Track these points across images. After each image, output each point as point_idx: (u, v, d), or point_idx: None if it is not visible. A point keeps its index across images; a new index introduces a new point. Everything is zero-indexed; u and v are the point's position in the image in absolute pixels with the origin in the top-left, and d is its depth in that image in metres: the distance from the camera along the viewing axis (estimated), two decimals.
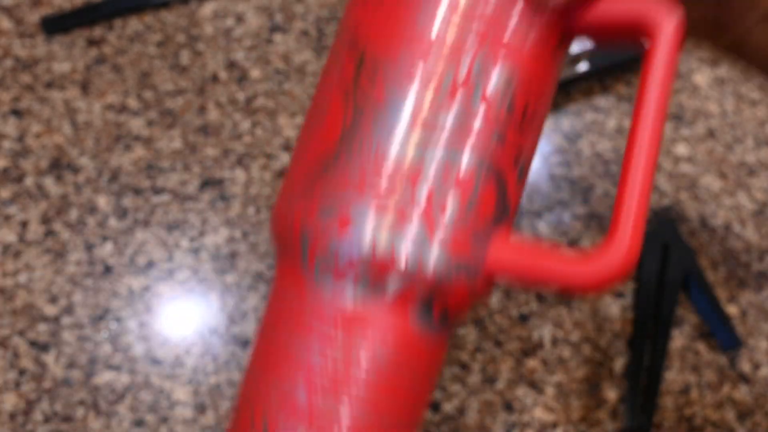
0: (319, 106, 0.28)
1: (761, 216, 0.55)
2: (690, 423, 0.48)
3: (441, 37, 0.26)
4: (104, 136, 0.52)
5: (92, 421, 0.44)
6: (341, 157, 0.26)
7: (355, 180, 0.26)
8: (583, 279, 0.25)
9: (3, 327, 0.46)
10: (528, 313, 0.49)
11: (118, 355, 0.45)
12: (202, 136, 0.53)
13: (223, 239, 0.49)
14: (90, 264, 0.48)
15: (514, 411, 0.46)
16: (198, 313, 0.47)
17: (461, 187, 0.26)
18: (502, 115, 0.26)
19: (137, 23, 0.57)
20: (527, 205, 0.53)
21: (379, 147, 0.26)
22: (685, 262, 0.50)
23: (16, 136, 0.51)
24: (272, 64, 0.56)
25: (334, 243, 0.26)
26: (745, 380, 0.49)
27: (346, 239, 0.25)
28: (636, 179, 0.25)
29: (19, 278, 0.47)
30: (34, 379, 0.44)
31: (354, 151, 0.26)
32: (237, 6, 0.58)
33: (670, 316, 0.49)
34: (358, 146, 0.26)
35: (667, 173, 0.56)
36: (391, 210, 0.26)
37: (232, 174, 0.52)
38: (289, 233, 0.27)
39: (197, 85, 0.55)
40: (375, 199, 0.26)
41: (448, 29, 0.26)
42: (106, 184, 0.50)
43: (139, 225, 0.49)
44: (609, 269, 0.24)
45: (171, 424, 0.44)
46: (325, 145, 0.27)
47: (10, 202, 0.49)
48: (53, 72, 0.54)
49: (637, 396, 0.47)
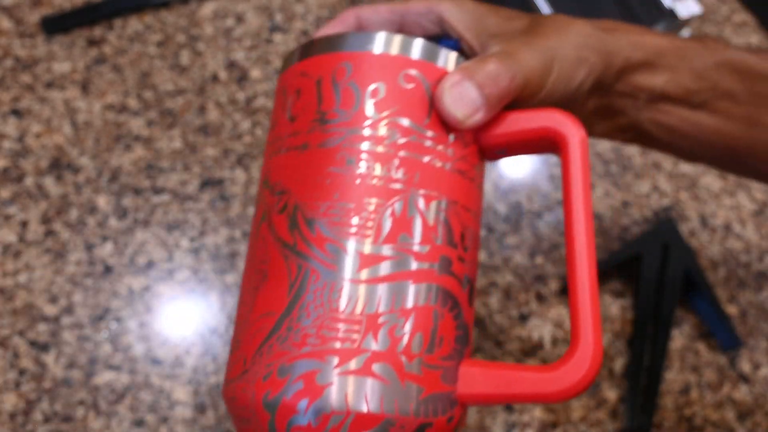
0: (258, 268, 0.27)
1: (761, 216, 0.55)
2: (690, 423, 0.48)
3: (366, 185, 0.26)
4: (104, 136, 0.52)
5: (92, 421, 0.44)
6: (293, 320, 0.25)
7: (312, 341, 0.25)
8: (554, 392, 0.26)
9: (3, 327, 0.46)
10: (528, 313, 0.49)
11: (118, 355, 0.45)
12: (202, 136, 0.53)
13: (223, 239, 0.49)
14: (90, 264, 0.48)
15: (514, 411, 0.46)
16: (198, 313, 0.47)
17: (421, 321, 0.26)
18: (443, 240, 0.27)
19: (137, 23, 0.57)
20: (527, 205, 0.53)
21: (330, 303, 0.25)
22: (685, 262, 0.50)
23: (16, 136, 0.51)
24: (272, 64, 0.56)
25: (301, 413, 0.25)
26: (745, 380, 0.49)
27: (316, 405, 0.24)
28: (584, 288, 0.26)
29: (19, 278, 0.47)
30: (34, 379, 0.44)
31: (305, 311, 0.25)
32: (237, 6, 0.58)
33: (670, 316, 0.49)
34: (309, 306, 0.26)
35: (667, 173, 0.56)
36: (355, 363, 0.25)
37: (232, 174, 0.52)
38: (252, 410, 0.26)
39: (197, 85, 0.55)
40: (336, 357, 0.25)
41: (371, 180, 0.27)
42: (106, 184, 0.50)
43: (139, 225, 0.49)
44: (577, 380, 0.26)
45: (171, 424, 0.44)
46: (275, 308, 0.26)
47: (10, 202, 0.49)
48: (53, 72, 0.54)
49: (637, 396, 0.47)
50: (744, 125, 0.33)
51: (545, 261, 0.51)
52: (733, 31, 0.64)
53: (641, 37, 0.32)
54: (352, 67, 0.28)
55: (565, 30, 0.30)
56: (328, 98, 0.27)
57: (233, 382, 0.26)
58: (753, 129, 0.33)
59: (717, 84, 0.32)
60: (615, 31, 0.31)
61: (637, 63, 0.31)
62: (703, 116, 0.33)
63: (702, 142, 0.34)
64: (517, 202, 0.53)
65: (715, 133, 0.34)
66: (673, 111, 0.33)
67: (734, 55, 0.32)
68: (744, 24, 0.64)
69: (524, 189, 0.54)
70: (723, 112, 0.33)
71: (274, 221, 0.27)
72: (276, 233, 0.27)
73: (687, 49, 0.32)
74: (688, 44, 0.32)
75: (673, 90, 0.32)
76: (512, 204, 0.53)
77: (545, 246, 0.52)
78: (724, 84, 0.33)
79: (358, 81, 0.27)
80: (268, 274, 0.27)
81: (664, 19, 0.54)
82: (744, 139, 0.34)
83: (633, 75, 0.32)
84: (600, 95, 0.32)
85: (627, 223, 0.54)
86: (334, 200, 0.26)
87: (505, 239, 0.52)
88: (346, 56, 0.28)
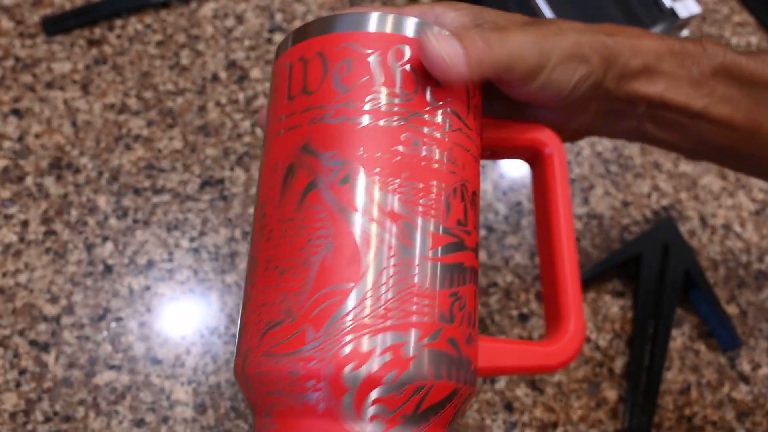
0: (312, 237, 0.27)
1: (761, 216, 0.55)
2: (690, 423, 0.48)
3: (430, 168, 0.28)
4: (104, 136, 0.52)
5: (92, 421, 0.44)
6: (373, 294, 0.26)
7: (394, 314, 0.26)
8: (557, 363, 0.31)
9: (3, 327, 0.46)
10: (528, 313, 0.49)
11: (118, 355, 0.45)
12: (202, 136, 0.53)
13: (223, 239, 0.49)
14: (90, 264, 0.48)
15: (514, 411, 0.46)
16: (198, 313, 0.47)
17: (472, 299, 0.28)
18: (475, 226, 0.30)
19: (137, 23, 0.57)
20: (527, 204, 0.53)
21: (408, 278, 0.27)
22: (685, 262, 0.50)
23: (16, 136, 0.51)
24: (272, 64, 0.56)
25: (387, 385, 0.25)
26: (744, 380, 0.49)
27: (402, 378, 0.26)
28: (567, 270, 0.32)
29: (19, 278, 0.47)
30: (34, 379, 0.44)
31: (385, 285, 0.26)
32: (237, 6, 0.58)
33: (670, 316, 0.49)
34: (389, 280, 0.26)
35: (667, 173, 0.56)
36: (432, 337, 0.27)
37: (232, 174, 0.52)
38: (321, 383, 0.25)
39: (197, 85, 0.55)
40: (419, 330, 0.26)
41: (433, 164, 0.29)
42: (106, 184, 0.50)
43: (139, 225, 0.49)
44: (574, 350, 0.31)
45: (171, 424, 0.44)
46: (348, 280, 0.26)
47: (11, 202, 0.49)
48: (53, 72, 0.54)
49: (637, 396, 0.47)
50: (744, 129, 0.33)
51: None
52: (733, 31, 0.64)
53: (640, 41, 0.32)
54: (411, 52, 0.29)
55: (565, 29, 0.31)
56: (390, 77, 0.28)
57: (288, 356, 0.26)
58: (753, 133, 0.33)
59: (715, 90, 0.33)
60: (615, 35, 0.32)
61: (636, 69, 0.32)
62: (702, 122, 0.33)
63: (703, 144, 0.35)
64: (517, 202, 0.53)
65: (716, 137, 0.34)
66: (672, 117, 0.33)
67: (733, 59, 0.33)
68: (744, 24, 0.64)
69: (524, 189, 0.54)
70: (722, 117, 0.33)
71: (333, 191, 0.27)
72: (339, 204, 0.27)
73: (685, 55, 0.32)
74: (686, 49, 0.32)
75: (672, 98, 0.32)
76: (512, 204, 0.53)
77: None
78: (723, 90, 0.33)
79: (415, 66, 0.29)
80: (335, 244, 0.26)
81: (664, 19, 0.54)
82: (745, 142, 0.34)
83: (632, 82, 0.32)
84: (601, 99, 0.32)
85: (627, 223, 0.54)
86: (404, 179, 0.27)
87: (505, 239, 0.52)
88: (404, 39, 0.29)
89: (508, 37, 0.29)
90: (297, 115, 0.29)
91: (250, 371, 0.27)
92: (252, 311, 0.27)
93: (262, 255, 0.28)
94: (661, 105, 0.33)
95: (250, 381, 0.27)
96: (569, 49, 0.30)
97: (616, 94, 0.32)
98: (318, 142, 0.28)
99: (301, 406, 0.26)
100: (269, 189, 0.29)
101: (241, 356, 0.27)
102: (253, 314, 0.27)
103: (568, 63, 0.30)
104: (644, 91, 0.32)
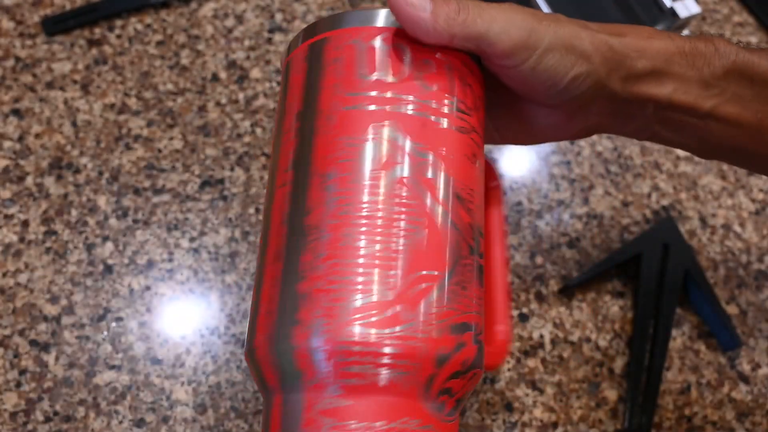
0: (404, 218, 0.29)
1: (761, 216, 0.55)
2: (690, 423, 0.48)
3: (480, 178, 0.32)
4: (104, 136, 0.52)
5: (92, 420, 0.44)
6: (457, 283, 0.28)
7: (473, 303, 0.29)
8: (495, 364, 0.37)
9: (3, 327, 0.46)
10: (528, 313, 0.49)
11: (118, 355, 0.45)
12: (202, 136, 0.53)
13: (223, 239, 0.49)
14: (90, 264, 0.48)
15: (514, 411, 0.46)
16: (198, 313, 0.47)
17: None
18: None
19: (137, 23, 0.57)
20: (527, 204, 0.53)
21: (474, 273, 0.29)
22: (685, 262, 0.50)
23: (16, 136, 0.51)
24: (272, 64, 0.56)
25: (464, 368, 0.27)
26: (744, 380, 0.49)
27: (475, 361, 0.28)
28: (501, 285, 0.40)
29: (19, 278, 0.47)
30: (34, 378, 0.44)
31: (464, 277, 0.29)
32: (237, 6, 0.58)
33: (670, 316, 0.49)
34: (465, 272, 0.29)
35: (667, 173, 0.56)
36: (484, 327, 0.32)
37: (232, 174, 0.52)
38: (413, 362, 0.26)
39: (197, 85, 0.55)
40: (482, 320, 0.30)
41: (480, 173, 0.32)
42: (106, 184, 0.50)
43: (139, 225, 0.49)
44: (501, 353, 0.38)
45: (171, 424, 0.44)
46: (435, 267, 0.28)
47: (11, 202, 0.49)
48: (54, 72, 0.54)
49: (637, 396, 0.47)
50: (752, 127, 0.33)
51: (545, 261, 0.51)
52: (733, 31, 0.64)
53: (649, 42, 0.31)
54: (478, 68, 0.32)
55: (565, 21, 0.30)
56: (463, 91, 0.30)
57: (383, 333, 0.25)
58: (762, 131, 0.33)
59: (726, 90, 0.32)
60: (622, 36, 0.31)
61: (643, 71, 0.31)
62: (710, 121, 0.33)
63: (712, 143, 0.34)
64: (517, 202, 0.53)
65: (724, 135, 0.33)
66: (681, 118, 0.33)
67: (745, 58, 0.32)
68: (744, 24, 0.64)
69: (524, 189, 0.54)
70: (731, 116, 0.33)
71: (422, 182, 0.28)
72: (427, 194, 0.28)
73: (697, 56, 0.32)
74: (698, 48, 0.32)
75: (681, 99, 0.32)
76: (512, 204, 0.53)
77: (545, 246, 0.52)
78: (734, 89, 0.32)
79: (479, 85, 0.32)
80: (428, 233, 0.27)
81: (664, 19, 0.54)
82: (753, 140, 0.33)
83: (638, 84, 0.31)
84: (606, 100, 0.32)
85: (627, 223, 0.54)
86: (474, 186, 0.30)
87: None
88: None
89: (491, 10, 0.29)
90: (378, 97, 0.29)
91: (329, 343, 0.25)
92: (322, 282, 0.26)
93: (333, 226, 0.27)
94: (668, 106, 0.32)
95: (325, 354, 0.26)
96: (566, 39, 0.29)
97: (622, 95, 0.32)
98: (405, 130, 0.28)
99: (385, 382, 0.26)
100: (335, 160, 0.28)
101: (303, 327, 0.26)
102: (323, 285, 0.26)
103: (564, 53, 0.29)
104: (652, 93, 0.32)
